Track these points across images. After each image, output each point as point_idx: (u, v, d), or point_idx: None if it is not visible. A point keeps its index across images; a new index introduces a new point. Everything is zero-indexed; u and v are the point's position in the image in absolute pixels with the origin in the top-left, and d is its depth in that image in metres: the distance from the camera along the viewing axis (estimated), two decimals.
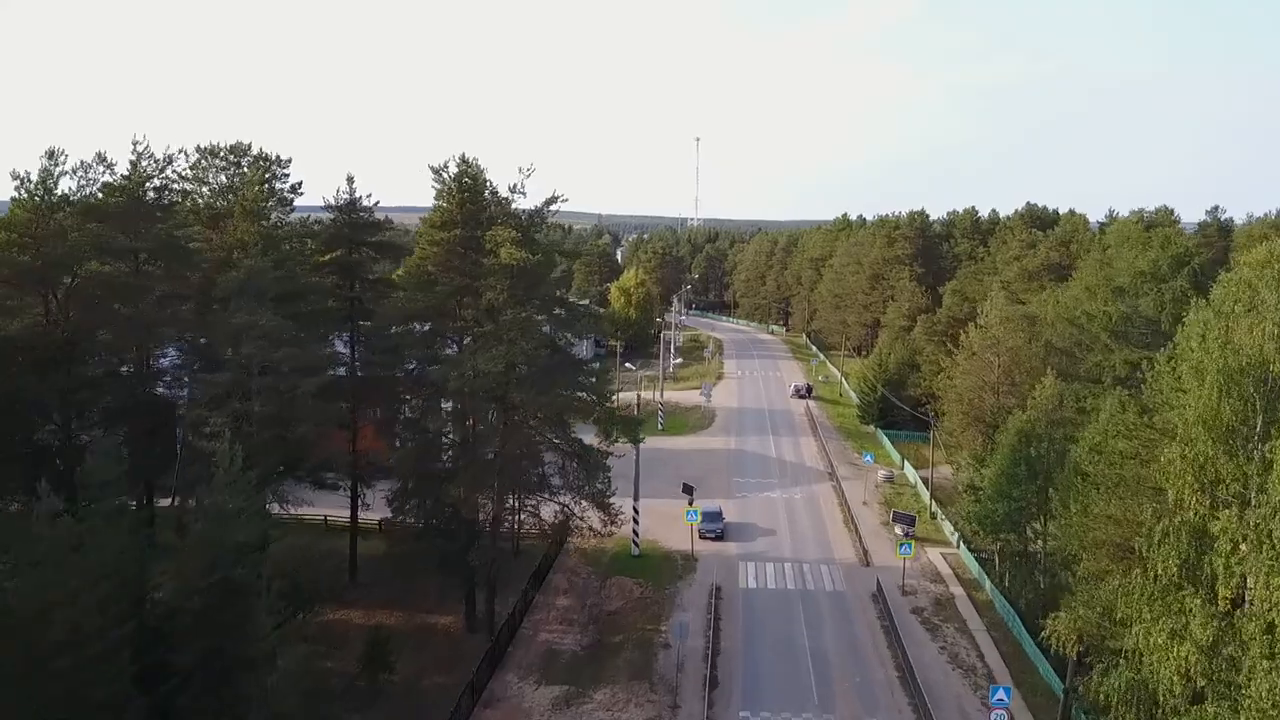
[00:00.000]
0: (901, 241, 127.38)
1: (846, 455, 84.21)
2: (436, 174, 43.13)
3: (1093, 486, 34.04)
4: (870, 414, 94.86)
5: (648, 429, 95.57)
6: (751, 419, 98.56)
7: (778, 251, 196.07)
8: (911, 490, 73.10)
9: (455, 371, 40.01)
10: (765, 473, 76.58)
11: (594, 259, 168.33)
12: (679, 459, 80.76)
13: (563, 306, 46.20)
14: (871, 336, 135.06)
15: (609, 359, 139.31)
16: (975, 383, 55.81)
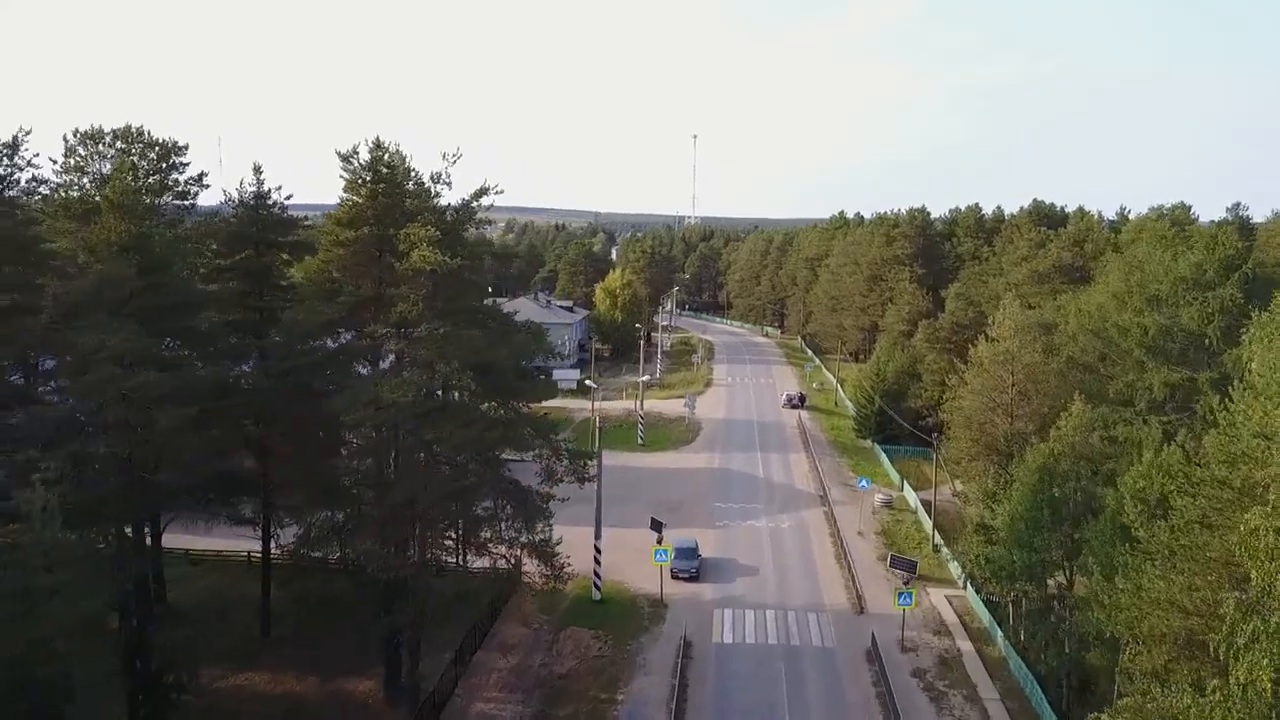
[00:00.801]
0: (901, 241, 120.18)
1: (841, 474, 77.06)
2: (345, 161, 35.90)
3: (1145, 557, 26.91)
4: (867, 427, 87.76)
5: (626, 444, 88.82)
6: (739, 432, 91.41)
7: (773, 251, 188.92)
8: (912, 517, 65.98)
9: (358, 401, 32.81)
10: (751, 496, 69.41)
11: (580, 259, 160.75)
12: (657, 480, 73.68)
13: (495, 320, 38.86)
14: (869, 341, 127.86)
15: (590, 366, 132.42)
16: (985, 404, 48.52)
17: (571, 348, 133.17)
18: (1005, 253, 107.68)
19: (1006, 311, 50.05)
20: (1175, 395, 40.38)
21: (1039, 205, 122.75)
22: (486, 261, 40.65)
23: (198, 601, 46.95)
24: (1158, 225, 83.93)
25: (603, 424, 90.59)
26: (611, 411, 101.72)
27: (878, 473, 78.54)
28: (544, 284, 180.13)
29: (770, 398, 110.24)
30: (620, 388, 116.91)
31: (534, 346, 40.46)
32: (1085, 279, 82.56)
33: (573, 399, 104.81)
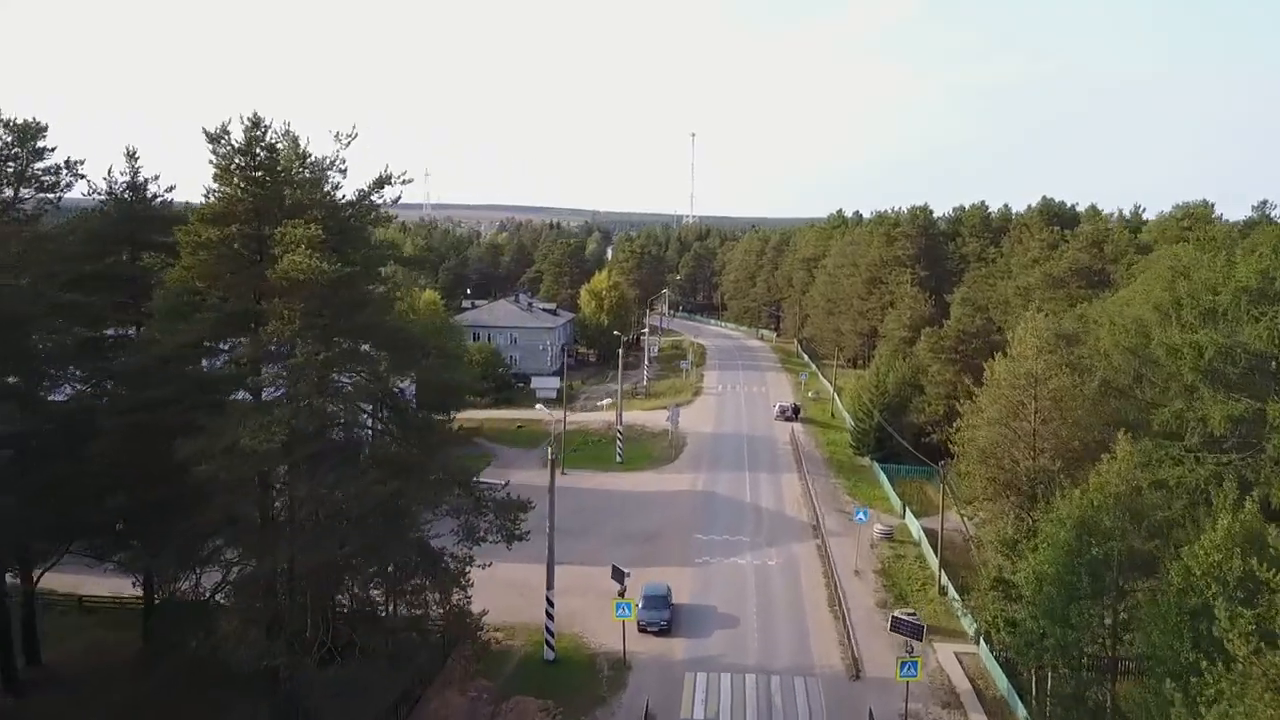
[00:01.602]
0: (902, 241, 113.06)
1: (836, 499, 69.92)
2: (214, 142, 28.74)
3: (1244, 679, 19.85)
4: (865, 444, 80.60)
5: (603, 462, 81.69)
6: (727, 448, 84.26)
7: (768, 250, 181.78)
8: (915, 550, 58.85)
9: (212, 447, 25.66)
10: (736, 525, 62.27)
11: (565, 260, 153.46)
12: (633, 505, 66.63)
13: (402, 340, 31.67)
14: (868, 347, 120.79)
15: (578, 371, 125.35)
16: (1004, 435, 41.30)
17: (554, 353, 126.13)
18: (1014, 254, 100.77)
19: (1028, 325, 42.72)
20: (1238, 430, 33.27)
21: (1049, 203, 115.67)
22: (384, 268, 33.18)
23: (80, 657, 40.13)
24: (1211, 227, 76.72)
25: (577, 445, 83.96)
26: (591, 424, 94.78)
27: (876, 495, 71.46)
28: (530, 285, 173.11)
29: (762, 408, 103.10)
30: (603, 396, 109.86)
31: (449, 373, 33.09)
32: (1105, 283, 75.62)
33: (552, 407, 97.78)
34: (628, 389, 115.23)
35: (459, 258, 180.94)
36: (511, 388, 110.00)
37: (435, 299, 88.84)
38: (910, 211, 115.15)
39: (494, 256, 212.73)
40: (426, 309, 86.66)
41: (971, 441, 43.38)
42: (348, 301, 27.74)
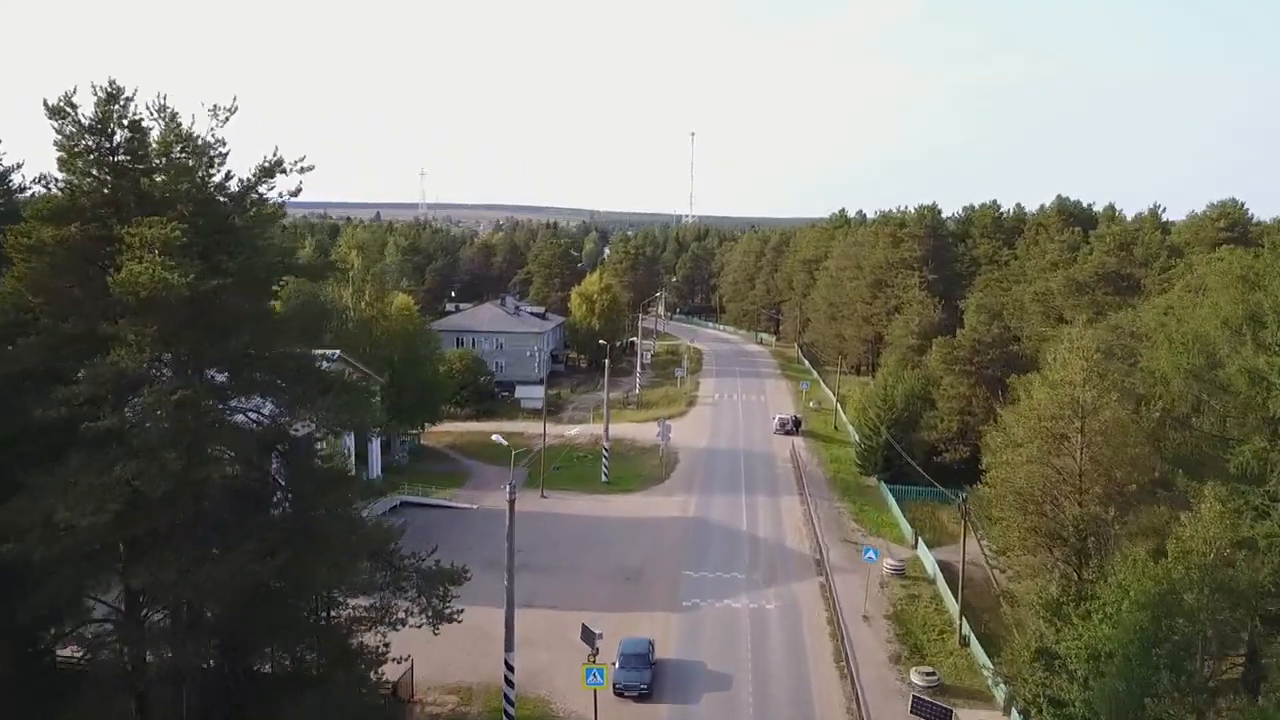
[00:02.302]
0: (909, 242, 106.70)
1: (841, 526, 63.64)
2: (57, 116, 22.44)
3: None
4: (872, 463, 74.35)
5: (588, 482, 75.36)
6: (723, 467, 77.97)
7: (768, 251, 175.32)
8: (930, 589, 52.56)
9: (23, 519, 19.39)
10: (731, 559, 55.99)
11: (555, 260, 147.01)
12: (616, 535, 60.37)
13: (296, 371, 25.29)
14: (872, 353, 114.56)
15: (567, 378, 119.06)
16: (1046, 476, 34.93)
17: (542, 360, 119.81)
18: (1029, 256, 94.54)
19: (1072, 343, 36.25)
20: None
21: (1064, 203, 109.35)
22: (273, 279, 26.76)
23: None
24: (1218, 225, 70.53)
25: (560, 462, 77.42)
26: (579, 438, 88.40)
27: (885, 521, 65.21)
28: (521, 287, 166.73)
29: (761, 420, 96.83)
30: (593, 406, 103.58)
31: (349, 416, 26.75)
32: (1134, 289, 69.39)
33: (538, 418, 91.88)
34: (619, 398, 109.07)
35: (448, 259, 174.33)
36: (494, 397, 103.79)
37: (408, 303, 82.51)
38: (917, 211, 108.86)
39: (486, 257, 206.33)
40: (399, 314, 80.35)
41: (1006, 482, 37.00)
42: (218, 322, 21.54)
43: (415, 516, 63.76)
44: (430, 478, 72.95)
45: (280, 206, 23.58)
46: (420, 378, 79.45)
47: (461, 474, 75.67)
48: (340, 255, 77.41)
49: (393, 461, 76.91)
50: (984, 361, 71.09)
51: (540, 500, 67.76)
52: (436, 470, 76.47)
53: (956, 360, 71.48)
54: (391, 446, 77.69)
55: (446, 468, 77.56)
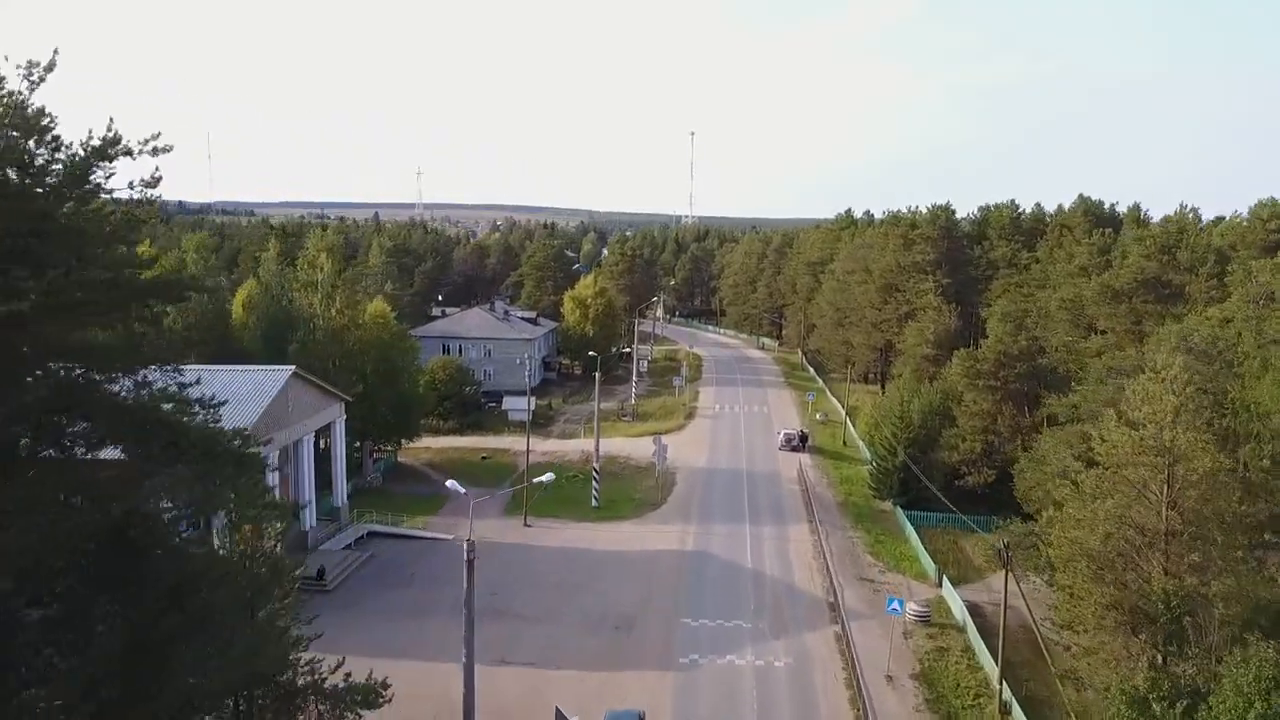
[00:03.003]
0: (921, 244, 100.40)
1: (856, 560, 57.38)
2: None
3: None
4: (887, 486, 68.16)
5: (577, 508, 69.00)
6: (724, 489, 71.69)
7: (770, 253, 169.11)
8: (960, 640, 46.29)
9: None
10: (734, 603, 49.69)
11: (548, 262, 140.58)
12: (607, 572, 54.14)
13: (141, 424, 18.82)
14: (883, 361, 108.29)
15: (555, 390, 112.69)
16: (1123, 540, 28.47)
17: (533, 368, 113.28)
18: (1053, 260, 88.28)
19: (1166, 372, 29.58)
20: None
21: (1086, 202, 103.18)
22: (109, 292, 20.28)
23: None
24: (1269, 228, 64.28)
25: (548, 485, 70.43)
26: (569, 454, 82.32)
27: (904, 554, 58.95)
28: (513, 289, 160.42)
29: (764, 434, 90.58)
30: (585, 417, 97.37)
31: (212, 492, 20.36)
32: (1177, 297, 63.18)
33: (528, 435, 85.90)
34: (613, 408, 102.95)
35: (438, 260, 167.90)
36: (480, 409, 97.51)
37: (384, 311, 76.25)
38: (930, 211, 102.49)
39: (480, 258, 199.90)
40: (373, 322, 74.09)
41: (1076, 544, 30.56)
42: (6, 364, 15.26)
43: (384, 549, 57.68)
44: (404, 502, 66.78)
45: (134, 203, 17.29)
46: (397, 391, 73.28)
47: (439, 497, 69.31)
48: (308, 259, 71.10)
49: (364, 483, 70.72)
50: (1010, 376, 64.89)
51: (523, 530, 61.57)
52: (412, 493, 70.26)
53: (980, 374, 65.26)
54: (364, 467, 71.47)
55: (423, 490, 71.32)
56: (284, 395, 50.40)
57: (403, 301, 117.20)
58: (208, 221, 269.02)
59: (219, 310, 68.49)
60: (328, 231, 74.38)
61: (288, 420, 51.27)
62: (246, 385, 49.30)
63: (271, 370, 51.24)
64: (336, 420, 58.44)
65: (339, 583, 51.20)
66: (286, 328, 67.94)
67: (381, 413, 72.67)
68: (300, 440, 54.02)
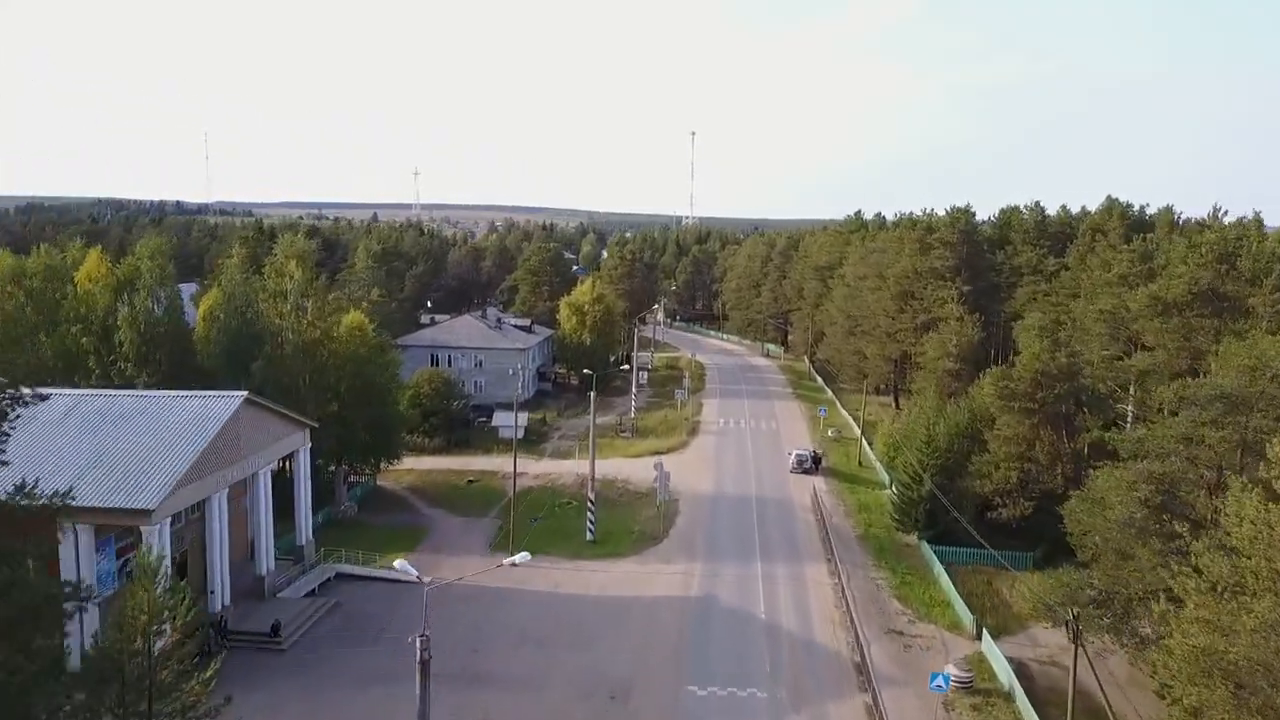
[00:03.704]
0: (940, 249, 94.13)
1: (882, 606, 51.10)
2: None
3: None
4: (912, 518, 61.93)
5: (569, 541, 62.70)
6: (731, 520, 65.44)
7: (775, 256, 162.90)
8: (1008, 709, 40.03)
9: None
10: (746, 664, 43.45)
11: (543, 266, 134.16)
12: (601, 623, 47.92)
13: None
14: (898, 373, 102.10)
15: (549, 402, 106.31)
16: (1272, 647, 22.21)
17: (526, 379, 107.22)
18: (1085, 268, 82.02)
19: None
20: None
21: (1115, 205, 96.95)
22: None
23: None
24: None
25: (540, 511, 64.26)
26: (563, 478, 76.24)
27: (934, 598, 52.70)
28: (508, 293, 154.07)
29: (773, 454, 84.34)
30: (582, 433, 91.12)
31: None
32: (1239, 312, 56.95)
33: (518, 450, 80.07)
34: (611, 423, 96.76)
35: (430, 264, 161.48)
36: (469, 425, 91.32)
37: (361, 322, 69.99)
38: (949, 214, 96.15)
39: (475, 261, 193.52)
40: (350, 335, 67.87)
41: (1209, 655, 23.98)
42: None
43: (353, 594, 51.43)
44: (380, 536, 60.58)
45: None
46: (375, 410, 67.11)
47: (419, 529, 63.19)
48: (276, 266, 64.90)
49: (338, 513, 64.53)
50: (1048, 398, 58.62)
51: (511, 570, 55.09)
52: (390, 524, 64.07)
53: (1014, 395, 58.95)
54: (336, 494, 65.25)
55: (402, 520, 65.15)
56: (234, 425, 44.22)
57: (391, 308, 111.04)
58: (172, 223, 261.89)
59: (175, 323, 62.25)
60: (299, 236, 68.03)
61: (239, 453, 45.08)
62: (188, 414, 43.20)
63: (220, 397, 45.05)
64: (300, 450, 52.22)
65: (296, 639, 44.98)
66: (253, 342, 61.70)
67: (357, 435, 66.60)
68: (256, 474, 47.79)
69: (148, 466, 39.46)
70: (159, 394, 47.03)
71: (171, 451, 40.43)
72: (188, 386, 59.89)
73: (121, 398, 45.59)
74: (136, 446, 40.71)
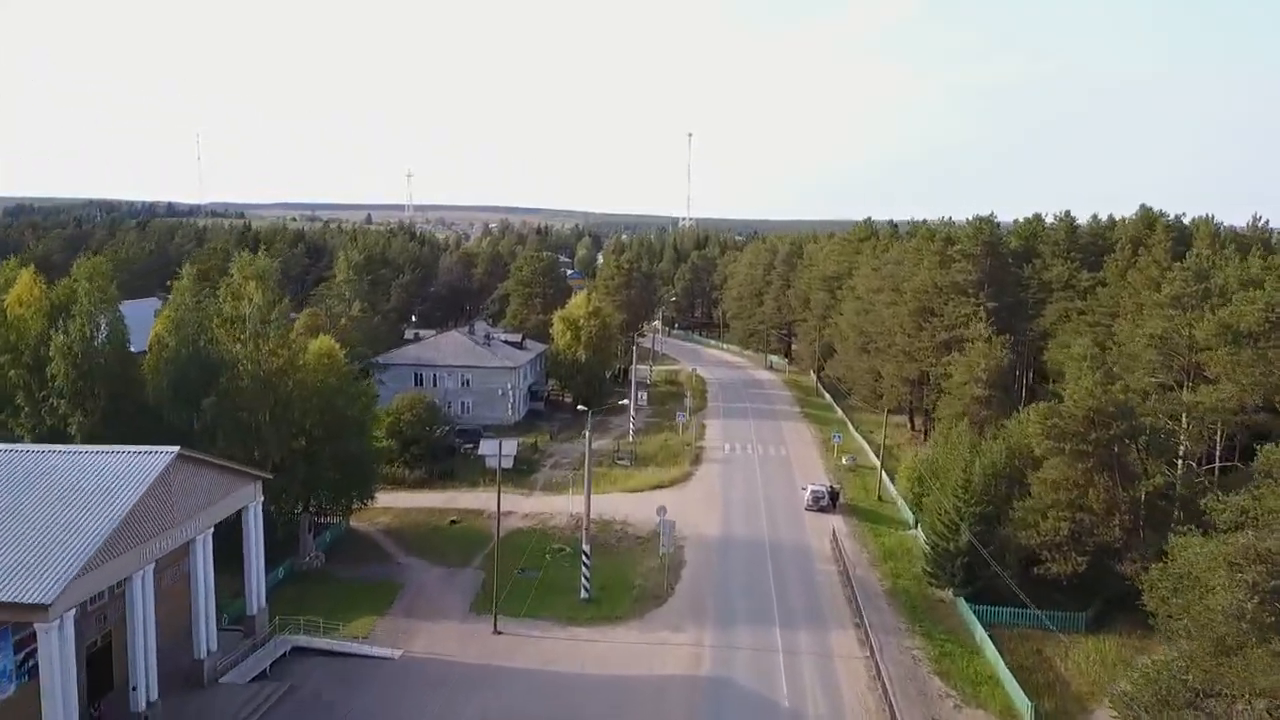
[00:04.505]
0: (962, 261, 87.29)
1: (925, 690, 44.14)
2: None
3: None
4: (949, 573, 55.02)
5: (561, 600, 55.51)
6: (743, 571, 58.46)
7: (778, 264, 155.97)
8: None
9: None
10: None
11: (536, 277, 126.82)
12: (595, 714, 40.84)
13: None
14: (917, 394, 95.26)
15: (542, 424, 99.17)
16: None
17: (517, 399, 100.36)
18: (1126, 284, 75.33)
19: None
20: None
21: (1154, 216, 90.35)
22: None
23: None
24: None
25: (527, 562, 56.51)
26: (554, 518, 69.38)
27: (981, 675, 45.84)
28: (500, 302, 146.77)
29: (785, 485, 77.52)
30: (576, 460, 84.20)
31: None
32: None
33: (506, 484, 73.08)
34: (609, 447, 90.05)
35: (418, 272, 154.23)
36: (454, 453, 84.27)
37: (330, 348, 63.03)
38: (973, 224, 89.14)
39: (466, 267, 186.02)
40: (318, 363, 60.92)
41: None
42: None
43: (310, 674, 44.35)
44: (347, 594, 53.72)
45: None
46: (346, 446, 60.22)
47: (392, 583, 56.15)
48: (232, 289, 57.90)
49: (302, 565, 57.54)
50: (1104, 439, 51.78)
51: (491, 639, 48.25)
52: (360, 576, 57.07)
53: (1065, 435, 52.08)
54: (301, 545, 58.22)
55: (374, 571, 58.13)
56: (163, 488, 37.25)
57: (374, 322, 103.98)
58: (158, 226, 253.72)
59: (118, 352, 55.14)
60: (258, 255, 60.88)
61: (170, 519, 38.10)
62: (106, 477, 36.16)
63: (146, 454, 37.98)
64: (250, 506, 45.18)
65: None
66: (206, 373, 54.66)
67: (326, 474, 59.69)
68: (194, 540, 40.78)
69: (48, 548, 32.47)
70: (71, 450, 39.93)
71: (79, 527, 33.42)
72: (130, 427, 52.96)
73: (24, 454, 38.63)
74: (36, 521, 33.73)
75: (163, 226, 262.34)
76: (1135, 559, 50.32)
